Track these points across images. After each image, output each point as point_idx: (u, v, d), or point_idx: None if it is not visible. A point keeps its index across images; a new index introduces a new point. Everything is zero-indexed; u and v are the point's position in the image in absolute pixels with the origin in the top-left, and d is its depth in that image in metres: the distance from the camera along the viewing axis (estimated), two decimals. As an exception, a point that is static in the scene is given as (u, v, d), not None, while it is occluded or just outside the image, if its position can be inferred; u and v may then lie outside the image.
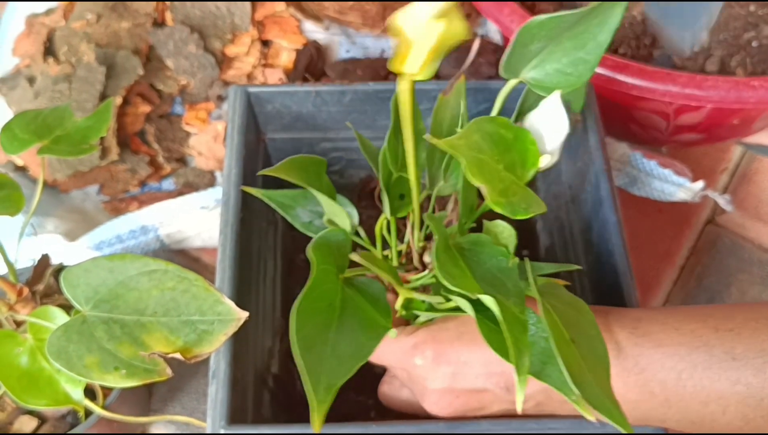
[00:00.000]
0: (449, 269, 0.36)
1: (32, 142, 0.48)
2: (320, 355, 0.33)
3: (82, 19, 0.79)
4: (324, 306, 0.36)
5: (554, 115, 0.38)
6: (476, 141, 0.36)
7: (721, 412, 0.37)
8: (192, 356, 0.38)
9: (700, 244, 0.70)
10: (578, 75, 0.38)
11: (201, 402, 0.62)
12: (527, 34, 0.38)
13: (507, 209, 0.35)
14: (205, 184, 0.73)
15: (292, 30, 0.82)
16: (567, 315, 0.36)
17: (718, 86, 0.55)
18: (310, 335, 0.34)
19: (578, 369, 0.33)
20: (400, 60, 0.31)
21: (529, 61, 0.39)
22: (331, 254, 0.39)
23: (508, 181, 0.36)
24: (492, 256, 0.39)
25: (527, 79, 0.40)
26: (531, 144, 0.38)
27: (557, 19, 0.37)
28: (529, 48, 0.39)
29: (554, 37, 0.38)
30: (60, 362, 0.37)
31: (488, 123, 0.37)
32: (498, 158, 0.37)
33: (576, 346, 0.35)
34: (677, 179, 0.63)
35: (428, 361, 0.41)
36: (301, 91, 0.56)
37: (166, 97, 0.78)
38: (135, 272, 0.39)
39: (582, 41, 0.37)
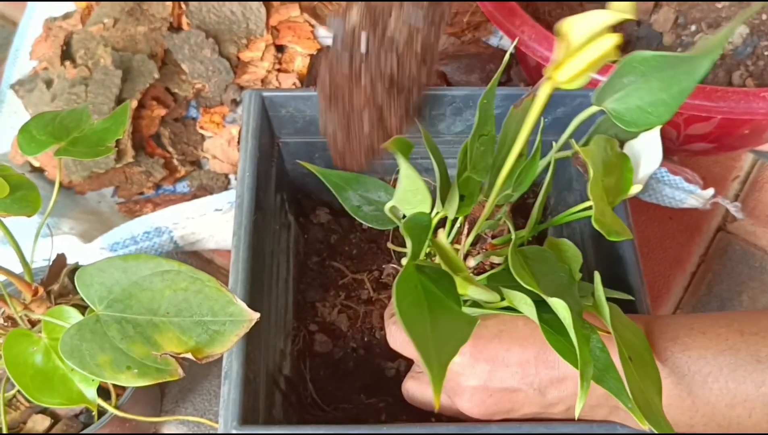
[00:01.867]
0: (519, 270, 0.36)
1: (49, 143, 0.48)
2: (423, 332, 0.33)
3: (99, 23, 0.80)
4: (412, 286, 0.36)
5: (652, 147, 0.39)
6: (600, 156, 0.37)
7: (747, 414, 0.37)
8: (203, 356, 0.38)
9: (711, 251, 0.70)
10: (657, 115, 0.38)
11: (212, 403, 0.63)
12: (628, 67, 0.38)
13: (604, 229, 0.36)
14: (219, 187, 0.73)
15: (306, 35, 0.83)
16: (625, 336, 0.37)
17: (727, 97, 0.55)
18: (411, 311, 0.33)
19: (636, 383, 0.35)
20: (556, 65, 0.31)
21: (616, 92, 0.39)
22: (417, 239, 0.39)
23: (606, 203, 0.38)
24: (553, 271, 0.40)
25: (608, 109, 0.40)
26: (629, 171, 0.39)
27: (661, 58, 0.37)
28: (622, 79, 0.39)
29: (646, 74, 0.38)
30: (73, 361, 0.37)
31: (604, 141, 0.38)
32: (604, 178, 0.38)
33: (634, 364, 0.36)
34: (688, 186, 0.63)
35: (466, 356, 0.41)
36: (315, 96, 0.57)
37: (181, 101, 0.79)
38: (148, 272, 0.40)
39: (668, 84, 0.37)
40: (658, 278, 0.68)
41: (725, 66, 0.66)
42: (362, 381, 0.55)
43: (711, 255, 0.69)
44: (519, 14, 0.62)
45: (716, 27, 0.67)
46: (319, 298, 0.59)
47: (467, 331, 0.35)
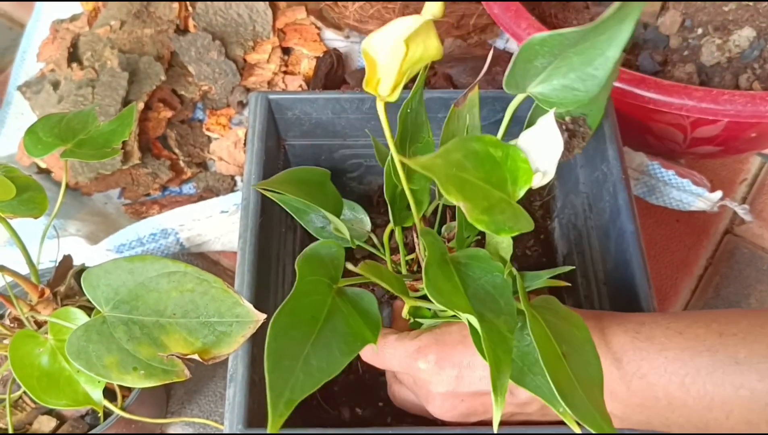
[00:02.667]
0: (440, 285, 0.36)
1: (56, 145, 0.49)
2: (289, 370, 0.34)
3: (106, 25, 0.81)
4: (306, 318, 0.36)
5: (549, 134, 0.38)
6: (457, 159, 0.35)
7: (725, 417, 0.37)
8: (210, 357, 0.38)
9: (719, 254, 0.69)
10: (586, 90, 0.38)
11: (218, 404, 0.63)
12: (530, 51, 0.38)
13: (491, 227, 0.34)
14: (225, 188, 0.73)
15: (313, 38, 0.83)
16: (560, 329, 0.36)
17: (734, 100, 0.55)
18: (284, 348, 0.34)
19: (568, 383, 0.34)
20: (371, 82, 0.32)
21: (535, 76, 0.39)
22: (322, 266, 0.39)
23: (495, 198, 0.36)
24: (487, 272, 0.39)
25: (534, 94, 0.40)
26: (522, 162, 0.38)
27: (560, 37, 0.36)
28: (533, 63, 0.38)
29: (559, 54, 0.38)
30: (79, 362, 0.37)
31: (475, 142, 0.37)
32: (484, 177, 0.36)
33: (568, 360, 0.35)
34: (695, 189, 0.63)
35: (431, 364, 0.41)
36: (321, 98, 0.57)
37: (187, 103, 0.79)
38: (155, 274, 0.40)
39: (590, 57, 0.37)
40: (665, 281, 0.67)
41: (732, 69, 0.66)
42: (368, 384, 0.55)
43: (718, 258, 0.69)
44: (525, 17, 0.62)
45: (723, 30, 0.67)
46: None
47: (342, 362, 0.35)
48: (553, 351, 0.35)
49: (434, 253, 0.38)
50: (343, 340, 0.37)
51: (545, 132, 0.38)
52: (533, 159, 0.38)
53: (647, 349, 0.38)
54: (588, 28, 0.35)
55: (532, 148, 0.38)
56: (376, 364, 0.45)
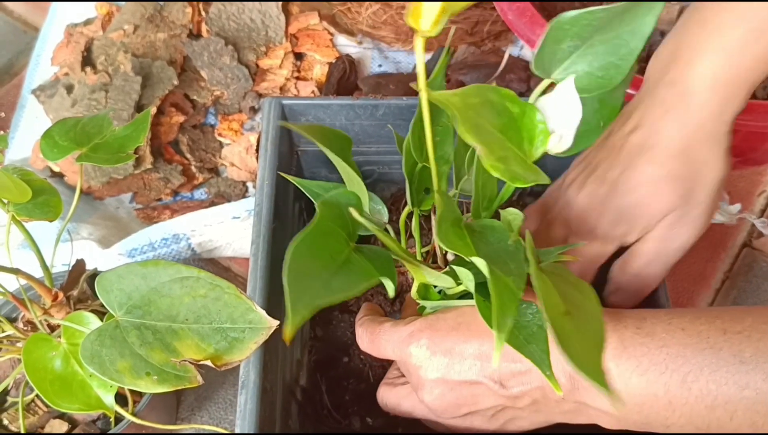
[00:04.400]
0: (451, 238, 0.35)
1: (71, 149, 0.49)
2: (309, 286, 0.33)
3: (119, 29, 0.81)
4: (325, 256, 0.36)
5: (567, 100, 0.38)
6: (474, 103, 0.35)
7: (728, 417, 0.35)
8: (222, 364, 0.38)
9: (736, 267, 0.68)
10: (609, 78, 0.38)
11: (228, 411, 0.62)
12: (559, 31, 0.38)
13: (506, 175, 0.34)
14: (237, 194, 0.73)
15: (326, 44, 0.83)
16: (566, 291, 0.36)
17: (752, 110, 0.54)
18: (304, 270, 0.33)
19: (569, 334, 0.33)
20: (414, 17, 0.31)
21: (561, 61, 0.39)
22: (341, 216, 0.39)
23: (511, 152, 0.36)
24: (500, 239, 0.39)
25: (558, 80, 0.40)
26: (539, 122, 0.38)
27: (588, 15, 0.37)
28: (561, 46, 0.39)
29: (587, 38, 0.38)
30: (93, 366, 0.37)
31: (492, 92, 0.36)
32: (501, 128, 0.36)
33: (571, 318, 0.34)
34: (714, 200, 0.62)
35: (423, 349, 0.40)
36: (335, 104, 0.57)
37: (199, 108, 0.79)
38: (167, 279, 0.39)
39: (614, 47, 0.37)
40: (682, 294, 0.67)
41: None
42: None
43: (736, 271, 0.68)
44: (540, 23, 0.62)
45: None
46: (336, 308, 0.59)
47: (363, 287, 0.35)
48: (558, 308, 0.34)
49: (448, 213, 0.37)
50: (362, 274, 0.36)
51: (564, 97, 0.38)
52: (551, 122, 0.38)
53: (648, 344, 0.37)
54: (616, 10, 0.36)
55: (549, 111, 0.38)
56: (372, 352, 0.44)
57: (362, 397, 0.54)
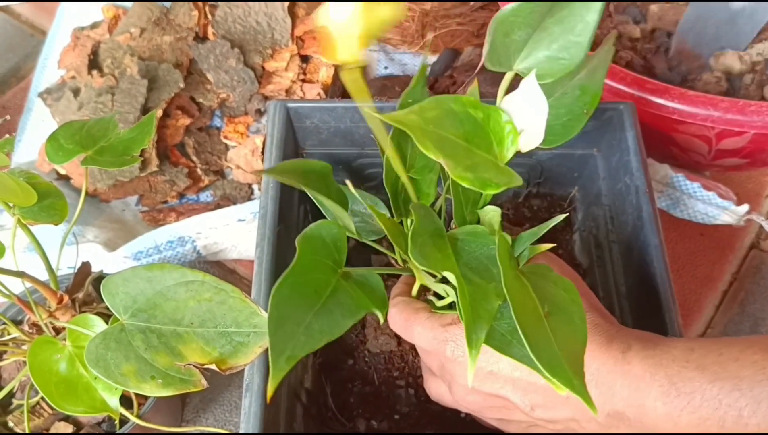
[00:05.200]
0: (427, 252, 0.35)
1: (77, 152, 0.49)
2: (291, 333, 0.33)
3: (126, 32, 0.81)
4: (309, 292, 0.36)
5: (532, 96, 0.37)
6: (434, 117, 0.35)
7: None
8: (227, 368, 0.38)
9: (744, 269, 0.68)
10: (571, 57, 0.37)
11: (233, 414, 0.62)
12: (504, 23, 0.38)
13: (476, 183, 0.33)
14: (242, 197, 0.73)
15: (331, 46, 0.83)
16: (546, 291, 0.35)
17: (761, 111, 0.54)
18: (286, 315, 0.34)
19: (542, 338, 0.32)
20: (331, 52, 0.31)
21: (517, 52, 0.39)
22: (324, 247, 0.38)
23: (479, 158, 0.35)
24: (483, 245, 0.39)
25: (521, 71, 0.39)
26: (506, 123, 0.37)
27: (531, 5, 0.37)
28: (512, 37, 0.38)
29: (536, 24, 0.37)
30: (98, 370, 0.37)
31: (453, 102, 0.36)
32: (465, 136, 0.36)
33: (550, 319, 0.34)
34: (721, 202, 0.62)
35: (458, 357, 0.40)
36: (340, 107, 0.57)
37: (205, 110, 0.79)
38: (173, 283, 0.39)
39: (570, 24, 0.37)
40: (688, 296, 0.66)
41: (757, 80, 0.65)
42: (384, 396, 0.55)
43: (744, 273, 0.68)
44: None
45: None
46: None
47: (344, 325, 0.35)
48: (533, 309, 0.34)
49: (425, 225, 0.37)
50: (347, 309, 0.36)
51: (528, 94, 0.37)
52: (518, 121, 0.37)
53: (698, 379, 0.35)
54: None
55: (515, 110, 0.37)
56: (405, 336, 0.43)
57: (367, 399, 0.54)
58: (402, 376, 0.55)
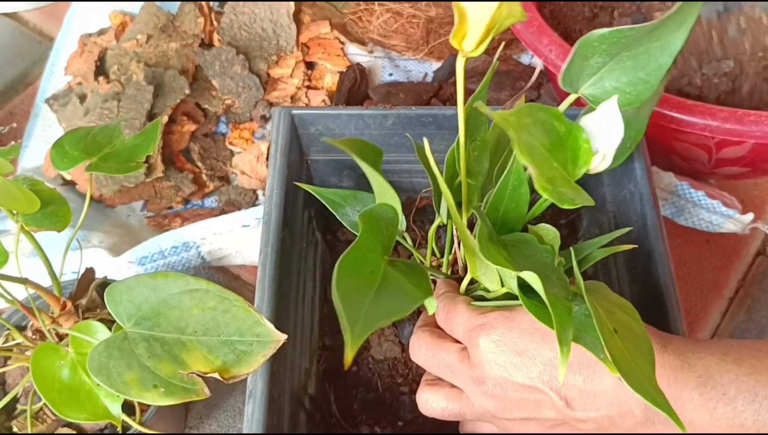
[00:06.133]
0: (494, 254, 0.35)
1: (81, 158, 0.49)
2: (360, 303, 0.33)
3: (132, 39, 0.81)
4: (366, 272, 0.35)
5: (610, 119, 0.38)
6: (527, 123, 0.35)
7: None
8: (230, 377, 0.38)
9: (750, 276, 0.68)
10: (637, 94, 0.38)
11: (237, 419, 0.62)
12: (588, 47, 0.38)
13: (554, 196, 0.34)
14: (247, 202, 0.73)
15: (336, 52, 0.83)
16: (611, 311, 0.35)
17: (760, 121, 0.53)
18: (351, 289, 0.33)
19: (619, 351, 0.32)
20: (458, 38, 0.33)
21: (589, 76, 0.39)
22: (378, 230, 0.38)
23: (557, 171, 0.36)
24: (536, 252, 0.39)
25: (586, 96, 0.40)
26: (584, 141, 0.38)
27: (618, 33, 0.37)
28: (589, 62, 0.39)
29: (615, 54, 0.38)
30: (100, 378, 0.37)
31: (541, 111, 0.36)
32: (549, 148, 0.36)
33: (619, 337, 0.34)
34: (726, 210, 0.62)
35: (493, 344, 0.39)
36: (344, 114, 0.57)
37: (211, 117, 0.79)
38: (177, 291, 0.39)
39: (643, 62, 0.37)
40: (694, 303, 0.66)
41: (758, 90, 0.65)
42: (387, 403, 0.55)
43: (750, 280, 0.67)
44: (547, 33, 0.62)
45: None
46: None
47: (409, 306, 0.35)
48: (605, 324, 0.34)
49: (484, 229, 0.37)
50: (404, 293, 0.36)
51: (607, 116, 0.38)
52: (594, 141, 0.38)
53: (735, 371, 0.35)
54: (645, 29, 0.36)
55: (593, 131, 0.38)
56: (446, 328, 0.43)
57: (371, 406, 0.54)
58: (406, 383, 0.55)
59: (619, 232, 0.46)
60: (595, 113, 0.39)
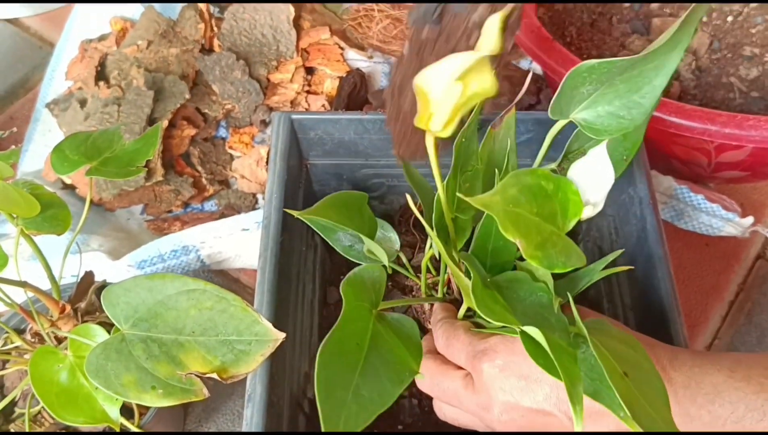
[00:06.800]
0: (489, 305, 0.35)
1: (81, 163, 0.49)
2: (341, 401, 0.33)
3: (133, 44, 0.82)
4: (351, 346, 0.36)
5: (600, 166, 0.37)
6: (513, 195, 0.35)
7: None
8: (228, 376, 0.38)
9: (750, 279, 0.67)
10: (631, 118, 0.37)
11: (236, 423, 0.62)
12: (577, 78, 0.38)
13: (544, 263, 0.34)
14: (246, 206, 0.74)
15: (336, 58, 0.83)
16: (618, 350, 0.35)
17: (759, 126, 0.53)
18: (333, 378, 0.34)
19: (634, 399, 0.32)
20: (422, 118, 0.31)
21: (579, 102, 0.39)
22: (365, 291, 0.39)
23: (546, 232, 0.35)
24: (531, 293, 0.38)
25: (578, 120, 0.39)
26: (573, 194, 0.37)
27: (609, 64, 0.36)
28: (579, 90, 0.38)
29: (606, 81, 0.37)
30: (98, 380, 0.37)
31: (528, 175, 0.36)
32: (537, 210, 0.36)
33: (630, 379, 0.33)
34: (725, 214, 0.62)
35: (497, 369, 0.39)
36: (344, 119, 0.57)
37: (211, 121, 0.79)
38: (174, 292, 0.39)
39: (637, 84, 0.37)
40: (694, 307, 0.66)
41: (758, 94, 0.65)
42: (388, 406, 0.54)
43: (750, 283, 0.67)
44: (545, 38, 0.62)
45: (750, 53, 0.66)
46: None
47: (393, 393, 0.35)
48: (616, 371, 0.33)
49: (477, 276, 0.37)
50: (391, 368, 0.36)
51: (596, 163, 0.37)
52: (583, 190, 0.38)
53: (744, 389, 0.34)
54: (637, 58, 0.35)
55: (582, 180, 0.38)
56: (446, 354, 0.43)
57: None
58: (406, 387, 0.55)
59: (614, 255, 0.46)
60: (583, 160, 0.38)
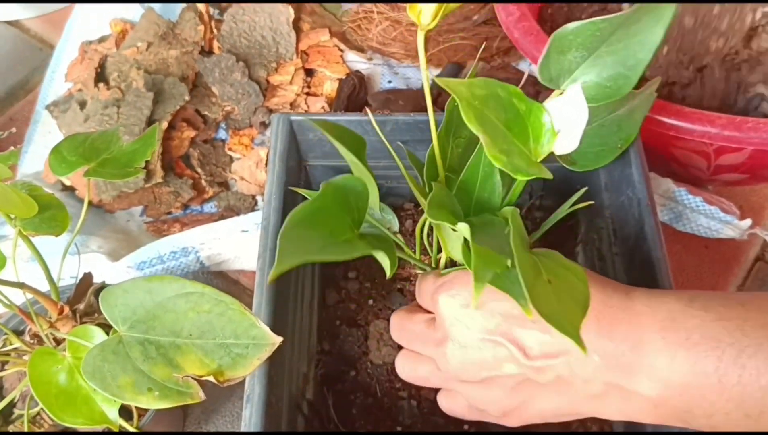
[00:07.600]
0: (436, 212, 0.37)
1: (79, 164, 0.49)
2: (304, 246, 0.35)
3: (133, 46, 0.82)
4: (325, 232, 0.37)
5: (575, 104, 0.38)
6: (481, 95, 0.36)
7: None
8: (225, 380, 0.38)
9: (750, 281, 0.67)
10: (617, 88, 0.39)
11: (235, 424, 0.62)
12: (563, 41, 0.39)
13: (508, 166, 0.34)
14: (246, 208, 0.74)
15: (336, 60, 0.83)
16: (554, 269, 0.35)
17: (758, 128, 0.53)
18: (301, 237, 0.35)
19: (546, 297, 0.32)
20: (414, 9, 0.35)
21: (570, 72, 0.40)
22: (345, 202, 0.39)
23: (515, 147, 0.36)
24: (501, 230, 0.40)
25: None
26: (546, 121, 0.38)
27: (591, 26, 0.38)
28: (566, 56, 0.39)
29: (593, 49, 0.39)
30: (94, 382, 0.37)
31: (500, 88, 0.37)
32: (506, 123, 0.36)
33: (552, 285, 0.34)
34: (724, 216, 0.62)
35: (453, 299, 0.40)
36: (343, 121, 0.57)
37: (210, 123, 0.80)
38: (172, 294, 0.39)
39: (623, 57, 0.38)
40: (692, 309, 0.66)
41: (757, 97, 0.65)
42: (386, 408, 0.54)
43: (750, 286, 0.67)
44: (545, 41, 0.62)
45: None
46: (344, 322, 0.58)
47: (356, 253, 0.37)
48: (537, 273, 0.34)
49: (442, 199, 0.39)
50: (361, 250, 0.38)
51: (571, 100, 0.38)
52: (558, 123, 0.38)
53: (702, 317, 0.34)
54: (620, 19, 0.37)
55: (557, 112, 0.38)
56: (419, 300, 0.45)
57: (369, 411, 0.54)
58: (404, 388, 0.55)
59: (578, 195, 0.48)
60: (559, 98, 0.38)
